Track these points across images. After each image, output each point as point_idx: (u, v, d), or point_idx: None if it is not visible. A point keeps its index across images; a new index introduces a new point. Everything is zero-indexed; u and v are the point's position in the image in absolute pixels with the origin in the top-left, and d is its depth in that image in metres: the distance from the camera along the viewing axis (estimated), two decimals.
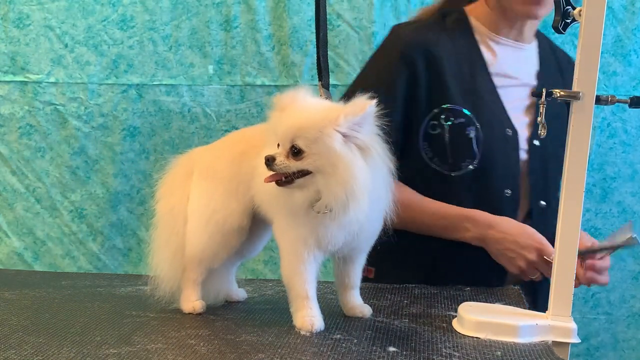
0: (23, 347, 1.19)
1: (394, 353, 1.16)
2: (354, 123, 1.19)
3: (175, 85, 2.52)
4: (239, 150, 1.38)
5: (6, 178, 2.57)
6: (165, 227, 1.42)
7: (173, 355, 1.14)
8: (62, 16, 2.51)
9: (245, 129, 1.51)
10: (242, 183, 1.36)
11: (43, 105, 2.54)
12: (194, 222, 1.39)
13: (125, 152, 2.54)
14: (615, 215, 2.46)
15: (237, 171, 1.37)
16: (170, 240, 1.41)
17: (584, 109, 1.19)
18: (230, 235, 1.38)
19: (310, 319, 1.27)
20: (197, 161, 1.43)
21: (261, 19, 2.48)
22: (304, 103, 1.23)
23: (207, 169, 1.40)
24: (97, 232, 2.58)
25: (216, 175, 1.38)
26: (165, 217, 1.43)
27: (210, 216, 1.37)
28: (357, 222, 1.24)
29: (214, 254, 1.39)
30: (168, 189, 1.44)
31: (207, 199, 1.38)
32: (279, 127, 1.22)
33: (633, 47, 2.46)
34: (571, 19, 1.22)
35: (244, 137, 1.43)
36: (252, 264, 2.54)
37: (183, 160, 1.45)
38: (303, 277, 1.28)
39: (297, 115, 1.21)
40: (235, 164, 1.37)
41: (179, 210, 1.41)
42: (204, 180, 1.40)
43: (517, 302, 1.43)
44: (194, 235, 1.39)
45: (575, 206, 1.20)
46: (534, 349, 1.18)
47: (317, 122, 1.19)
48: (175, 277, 1.41)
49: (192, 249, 1.39)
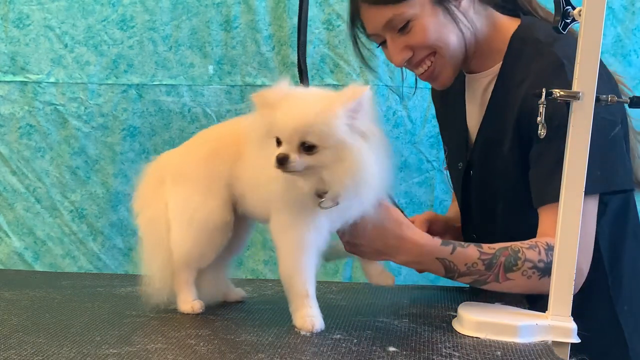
0: (23, 347, 1.19)
1: (394, 353, 1.16)
2: (354, 110, 1.20)
3: (175, 85, 2.52)
4: (208, 149, 1.38)
5: (6, 178, 2.57)
6: (149, 238, 1.42)
7: (173, 355, 1.14)
8: (62, 16, 2.51)
9: (211, 128, 1.50)
10: (216, 181, 1.36)
11: (43, 105, 2.54)
12: (176, 226, 1.39)
13: (125, 152, 2.54)
14: None
15: (210, 170, 1.37)
16: (157, 250, 1.41)
17: (583, 109, 1.19)
18: (215, 233, 1.38)
19: (311, 319, 1.27)
20: (167, 166, 1.43)
21: (261, 19, 2.48)
22: (298, 97, 1.23)
23: (178, 173, 1.40)
24: (98, 232, 2.58)
25: (189, 177, 1.38)
26: (147, 229, 1.43)
27: (191, 217, 1.37)
28: (360, 210, 1.26)
29: (202, 253, 1.39)
30: (144, 201, 1.44)
31: (185, 201, 1.38)
32: (280, 124, 1.20)
33: (633, 47, 2.45)
34: (571, 19, 1.21)
35: (211, 136, 1.43)
36: (252, 264, 2.54)
37: (152, 168, 1.45)
38: (303, 275, 1.28)
39: (301, 111, 1.20)
40: (207, 162, 1.37)
41: (159, 219, 1.40)
42: (177, 184, 1.40)
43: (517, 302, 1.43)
44: (179, 238, 1.39)
45: (575, 206, 1.20)
46: (534, 349, 1.18)
47: (323, 115, 1.18)
48: (168, 285, 1.41)
49: (180, 251, 1.39)
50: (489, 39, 1.58)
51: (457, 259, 1.40)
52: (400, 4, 1.49)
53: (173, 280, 1.41)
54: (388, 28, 1.52)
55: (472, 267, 1.41)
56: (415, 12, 1.49)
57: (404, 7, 1.49)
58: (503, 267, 1.40)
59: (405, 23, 1.50)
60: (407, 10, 1.49)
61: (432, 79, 1.60)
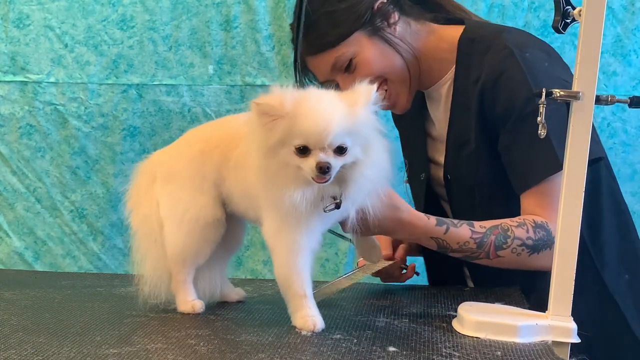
0: (23, 347, 1.19)
1: (394, 353, 1.16)
2: (371, 108, 1.23)
3: (175, 85, 2.52)
4: (197, 150, 1.39)
5: (6, 178, 2.57)
6: (142, 237, 1.43)
7: (173, 355, 1.14)
8: (62, 16, 2.51)
9: (197, 129, 1.50)
10: (206, 180, 1.37)
11: (43, 105, 2.54)
12: (168, 225, 1.40)
13: (125, 152, 2.54)
14: None
15: (199, 169, 1.38)
16: (149, 248, 1.42)
17: (583, 109, 1.18)
18: (208, 229, 1.38)
19: (312, 319, 1.27)
20: (157, 165, 1.44)
21: (261, 19, 2.49)
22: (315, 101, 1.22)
23: (168, 172, 1.41)
24: (98, 231, 2.58)
25: (179, 176, 1.39)
26: (140, 228, 1.44)
27: (182, 215, 1.38)
28: (354, 209, 1.29)
29: (196, 250, 1.40)
30: (136, 200, 1.45)
31: (175, 199, 1.39)
32: (312, 130, 1.18)
33: (633, 47, 2.46)
34: (571, 19, 1.21)
35: (199, 137, 1.43)
36: (252, 264, 2.54)
37: (144, 167, 1.46)
38: (300, 276, 1.28)
39: (330, 115, 1.19)
40: (196, 162, 1.38)
41: (151, 217, 1.41)
42: (168, 183, 1.41)
43: (517, 302, 1.43)
44: (172, 237, 1.39)
45: (575, 206, 1.20)
46: (534, 348, 1.18)
47: (353, 115, 1.20)
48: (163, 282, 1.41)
49: (173, 250, 1.39)
50: (436, 50, 1.64)
51: (450, 238, 1.46)
52: (339, 46, 1.57)
53: (169, 279, 1.41)
54: (335, 70, 1.60)
55: (464, 245, 1.47)
56: (355, 49, 1.57)
57: (343, 47, 1.57)
58: (493, 245, 1.46)
59: (348, 62, 1.58)
60: (347, 49, 1.57)
61: (391, 106, 1.66)
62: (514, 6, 2.50)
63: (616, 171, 2.46)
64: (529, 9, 2.50)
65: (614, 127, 2.48)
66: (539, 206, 1.49)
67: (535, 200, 1.50)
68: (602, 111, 2.45)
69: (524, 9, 2.50)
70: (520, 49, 1.51)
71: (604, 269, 1.58)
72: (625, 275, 1.62)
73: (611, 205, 1.64)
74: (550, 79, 1.47)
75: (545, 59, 1.54)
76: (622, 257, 1.64)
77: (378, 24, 1.58)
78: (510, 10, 2.49)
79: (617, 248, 1.63)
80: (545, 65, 1.52)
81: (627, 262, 1.64)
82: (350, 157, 1.21)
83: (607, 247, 1.61)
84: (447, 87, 1.65)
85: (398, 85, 1.62)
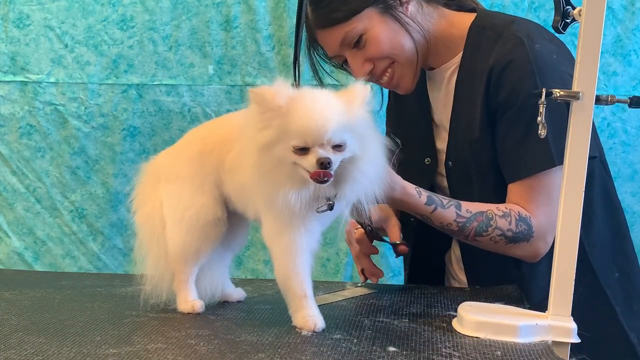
0: (23, 347, 1.19)
1: (394, 353, 1.16)
2: (367, 106, 1.24)
3: (175, 85, 2.52)
4: (195, 151, 1.40)
5: (6, 178, 2.57)
6: (145, 235, 1.44)
7: (173, 355, 1.14)
8: (62, 16, 2.51)
9: (197, 129, 1.50)
10: (206, 180, 1.38)
11: (43, 105, 2.54)
12: (170, 224, 1.41)
13: (125, 152, 2.54)
14: None
15: (198, 169, 1.38)
16: (153, 247, 1.43)
17: (583, 109, 1.18)
18: (208, 228, 1.39)
19: (312, 319, 1.27)
20: (161, 166, 1.45)
21: (261, 19, 2.49)
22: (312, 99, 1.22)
23: (169, 172, 1.43)
24: (98, 232, 2.58)
25: (179, 176, 1.40)
26: (143, 226, 1.45)
27: (182, 214, 1.39)
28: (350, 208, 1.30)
29: (196, 249, 1.40)
30: (141, 199, 1.46)
31: (176, 199, 1.40)
32: (311, 128, 1.18)
33: (633, 47, 2.46)
34: (571, 18, 1.21)
35: (196, 138, 1.44)
36: (252, 264, 2.54)
37: (149, 167, 1.48)
38: (300, 276, 1.28)
39: (328, 112, 1.19)
40: (195, 162, 1.39)
41: (155, 216, 1.43)
42: (169, 183, 1.42)
43: (517, 302, 1.43)
44: (173, 236, 1.40)
45: (575, 206, 1.20)
46: (534, 348, 1.18)
47: (351, 112, 1.21)
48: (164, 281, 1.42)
49: (174, 249, 1.40)
50: (446, 35, 1.64)
51: (435, 218, 1.51)
52: (349, 21, 1.56)
53: (170, 278, 1.41)
54: (344, 46, 1.59)
55: (447, 226, 1.52)
56: (365, 26, 1.56)
57: (353, 23, 1.56)
58: (474, 231, 1.51)
59: (358, 38, 1.57)
60: (357, 25, 1.56)
61: (395, 86, 1.67)
62: (514, 6, 2.51)
63: (616, 171, 2.48)
64: (529, 9, 2.50)
65: (614, 127, 2.48)
66: (523, 199, 1.52)
67: (522, 192, 1.52)
68: (602, 111, 2.45)
69: (524, 9, 2.51)
70: (530, 39, 1.51)
71: (596, 262, 1.59)
72: (615, 273, 1.63)
73: (604, 203, 1.64)
74: (557, 73, 1.48)
75: (554, 52, 1.54)
76: (614, 256, 1.64)
77: (390, 1, 1.57)
78: (511, 10, 2.50)
79: (609, 246, 1.64)
80: (554, 57, 1.53)
81: (618, 261, 1.65)
82: (348, 152, 1.21)
83: (599, 244, 1.61)
84: (450, 71, 1.65)
85: (405, 67, 1.62)
